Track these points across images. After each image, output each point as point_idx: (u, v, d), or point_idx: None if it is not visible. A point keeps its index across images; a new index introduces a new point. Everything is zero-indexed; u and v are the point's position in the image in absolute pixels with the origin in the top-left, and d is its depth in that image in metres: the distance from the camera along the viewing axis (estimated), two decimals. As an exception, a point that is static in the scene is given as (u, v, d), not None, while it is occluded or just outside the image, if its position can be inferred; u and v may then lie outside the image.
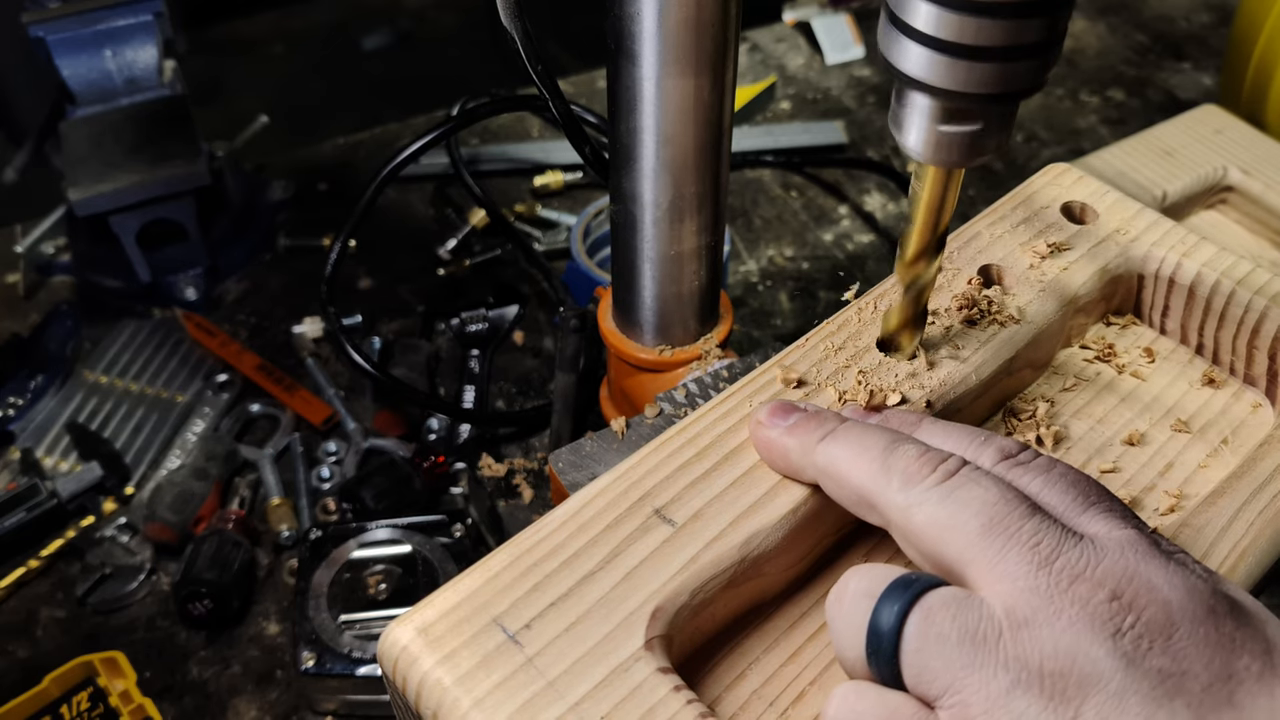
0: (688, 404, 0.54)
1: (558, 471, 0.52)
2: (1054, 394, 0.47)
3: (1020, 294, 0.47)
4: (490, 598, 0.35)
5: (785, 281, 0.89)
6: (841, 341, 0.44)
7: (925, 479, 0.34)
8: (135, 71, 0.89)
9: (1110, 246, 0.49)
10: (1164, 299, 0.49)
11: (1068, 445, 0.44)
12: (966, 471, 0.34)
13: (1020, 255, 0.48)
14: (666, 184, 0.55)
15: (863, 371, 0.43)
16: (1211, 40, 1.19)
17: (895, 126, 0.38)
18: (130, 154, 0.82)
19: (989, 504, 0.32)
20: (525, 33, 0.53)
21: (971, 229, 0.50)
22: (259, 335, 0.85)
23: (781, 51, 1.17)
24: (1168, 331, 0.50)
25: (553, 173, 0.97)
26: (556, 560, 0.37)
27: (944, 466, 0.34)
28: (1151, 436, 0.45)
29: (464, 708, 0.33)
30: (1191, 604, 0.30)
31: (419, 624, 0.35)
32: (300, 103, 1.98)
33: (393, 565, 0.64)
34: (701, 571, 0.36)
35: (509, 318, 0.85)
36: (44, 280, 0.89)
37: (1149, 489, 0.42)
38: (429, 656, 0.34)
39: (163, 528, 0.68)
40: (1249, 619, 0.31)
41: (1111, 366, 0.48)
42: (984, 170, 1.01)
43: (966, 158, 0.37)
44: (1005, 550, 0.31)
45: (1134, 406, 0.46)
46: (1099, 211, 0.51)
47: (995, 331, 0.45)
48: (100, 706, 0.60)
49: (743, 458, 0.40)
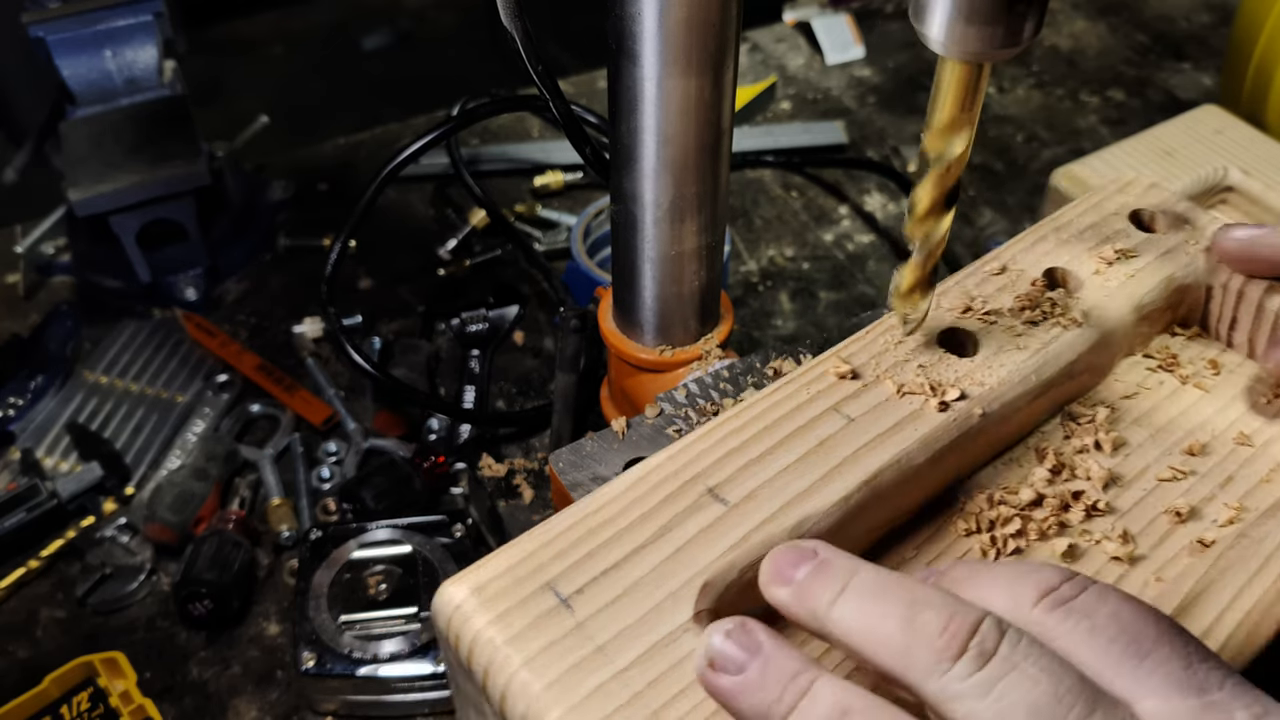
0: (688, 404, 0.54)
1: (558, 471, 0.52)
2: (1114, 400, 0.46)
3: (1085, 298, 0.46)
4: (544, 562, 0.36)
5: (785, 281, 0.89)
6: (901, 336, 0.44)
7: (957, 660, 0.28)
8: (135, 71, 0.89)
9: (1179, 256, 0.48)
10: (1232, 311, 0.48)
11: (1126, 451, 0.44)
12: (1006, 654, 0.28)
13: (1086, 260, 0.48)
14: (667, 184, 0.55)
15: (922, 365, 0.43)
16: (1211, 40, 1.19)
17: (916, 17, 0.36)
18: (130, 154, 0.82)
19: (1040, 708, 0.28)
20: (525, 33, 0.53)
21: (1037, 232, 0.49)
22: (259, 335, 0.85)
23: (781, 51, 1.17)
24: (1234, 345, 0.49)
25: (553, 173, 0.97)
26: (610, 531, 0.37)
27: (977, 643, 0.29)
28: (1213, 448, 0.44)
29: (514, 666, 0.33)
30: None
31: (474, 583, 0.36)
32: (300, 103, 1.98)
33: (393, 565, 0.64)
34: (752, 550, 0.37)
35: (509, 318, 0.85)
36: (44, 280, 0.89)
37: (1209, 499, 0.41)
38: (482, 615, 0.35)
39: (163, 528, 0.68)
40: None
41: (1175, 377, 0.47)
42: (984, 170, 1.01)
43: (992, 47, 0.34)
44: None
45: (1196, 418, 0.45)
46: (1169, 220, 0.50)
47: (1058, 334, 0.44)
48: (100, 707, 0.60)
49: (796, 444, 0.40)
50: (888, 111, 1.08)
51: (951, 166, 0.40)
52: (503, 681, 0.34)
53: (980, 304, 0.46)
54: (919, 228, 0.41)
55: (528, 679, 0.33)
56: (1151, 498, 0.41)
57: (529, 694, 0.33)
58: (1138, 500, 0.41)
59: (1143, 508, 0.41)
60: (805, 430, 0.40)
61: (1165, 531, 0.40)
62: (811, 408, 0.41)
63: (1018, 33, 0.35)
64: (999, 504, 0.41)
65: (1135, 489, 0.42)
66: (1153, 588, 0.38)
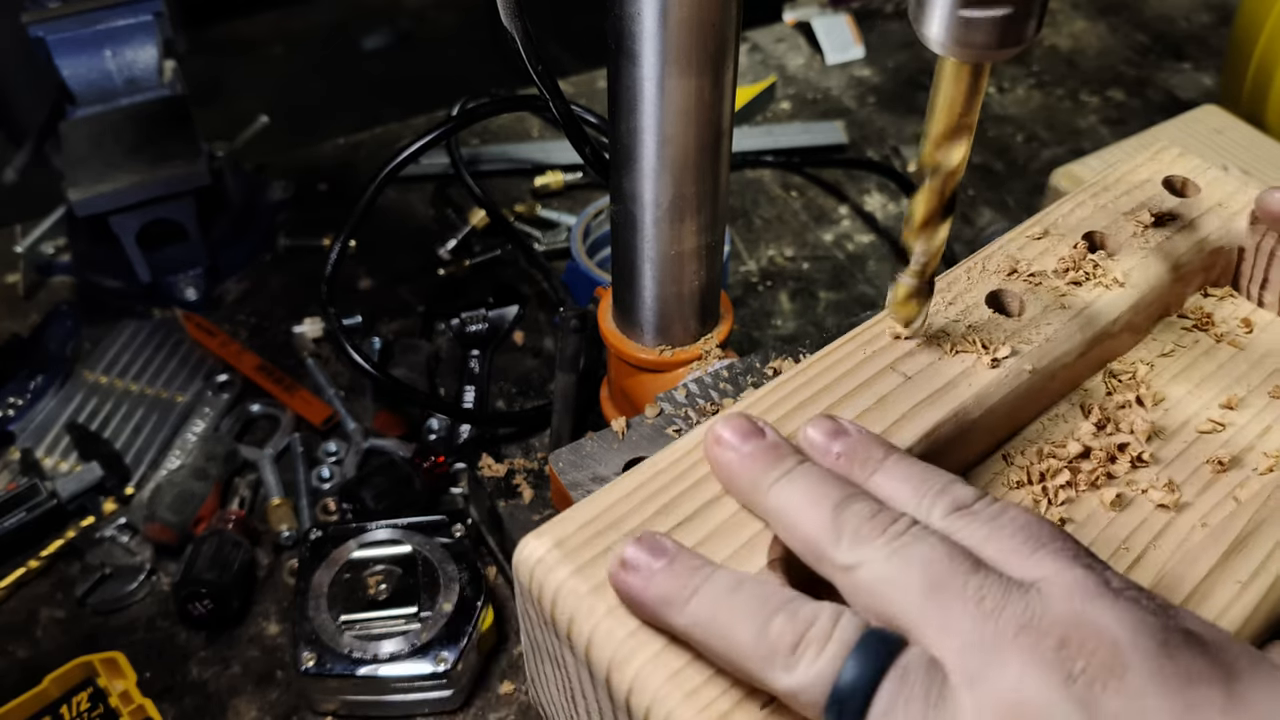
0: (688, 404, 0.54)
1: (558, 471, 0.52)
2: (1152, 359, 0.48)
3: (1124, 260, 0.48)
4: (621, 515, 0.37)
5: (785, 281, 0.89)
6: (952, 297, 0.46)
7: (873, 540, 0.34)
8: (135, 71, 0.89)
9: (1212, 219, 0.50)
10: (1264, 272, 0.50)
11: (1166, 406, 0.45)
12: (915, 530, 0.34)
13: (1123, 224, 0.50)
14: (667, 184, 0.55)
15: (972, 325, 0.44)
16: (1211, 40, 1.19)
17: (915, 17, 0.36)
18: (130, 154, 0.82)
19: (933, 562, 0.32)
20: (525, 33, 0.53)
21: (1075, 199, 0.51)
22: (259, 335, 0.85)
23: (781, 51, 1.17)
24: (1265, 304, 0.51)
25: (553, 173, 0.97)
26: (683, 484, 0.38)
27: (893, 528, 0.34)
28: (1249, 401, 0.46)
29: (599, 615, 0.35)
30: (1143, 640, 0.30)
31: (555, 537, 0.37)
32: (300, 103, 1.98)
33: (393, 565, 0.64)
34: None
35: (509, 318, 0.85)
36: (44, 280, 0.89)
37: (1248, 449, 0.43)
38: (565, 567, 0.36)
39: (163, 528, 0.68)
40: (1208, 650, 0.30)
41: (1209, 335, 0.49)
42: (984, 170, 1.01)
43: (992, 47, 0.35)
44: (950, 607, 0.31)
45: (1232, 373, 0.47)
46: (1200, 186, 0.52)
47: (1100, 294, 0.46)
48: (100, 707, 0.60)
49: (856, 400, 0.41)
50: (888, 111, 1.08)
51: (949, 177, 0.40)
52: (587, 630, 0.35)
53: (1025, 267, 0.48)
54: (917, 237, 0.41)
55: (612, 627, 0.34)
56: (1193, 449, 0.43)
57: (613, 641, 0.34)
58: (1180, 452, 0.43)
59: (1185, 458, 0.43)
60: (864, 388, 0.42)
61: (1208, 480, 0.42)
62: (869, 366, 0.43)
63: (1019, 31, 0.35)
64: (1048, 457, 0.43)
65: (1177, 441, 0.44)
66: (1199, 533, 0.40)
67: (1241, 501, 0.41)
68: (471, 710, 0.62)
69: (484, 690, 0.63)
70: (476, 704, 0.62)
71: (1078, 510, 0.41)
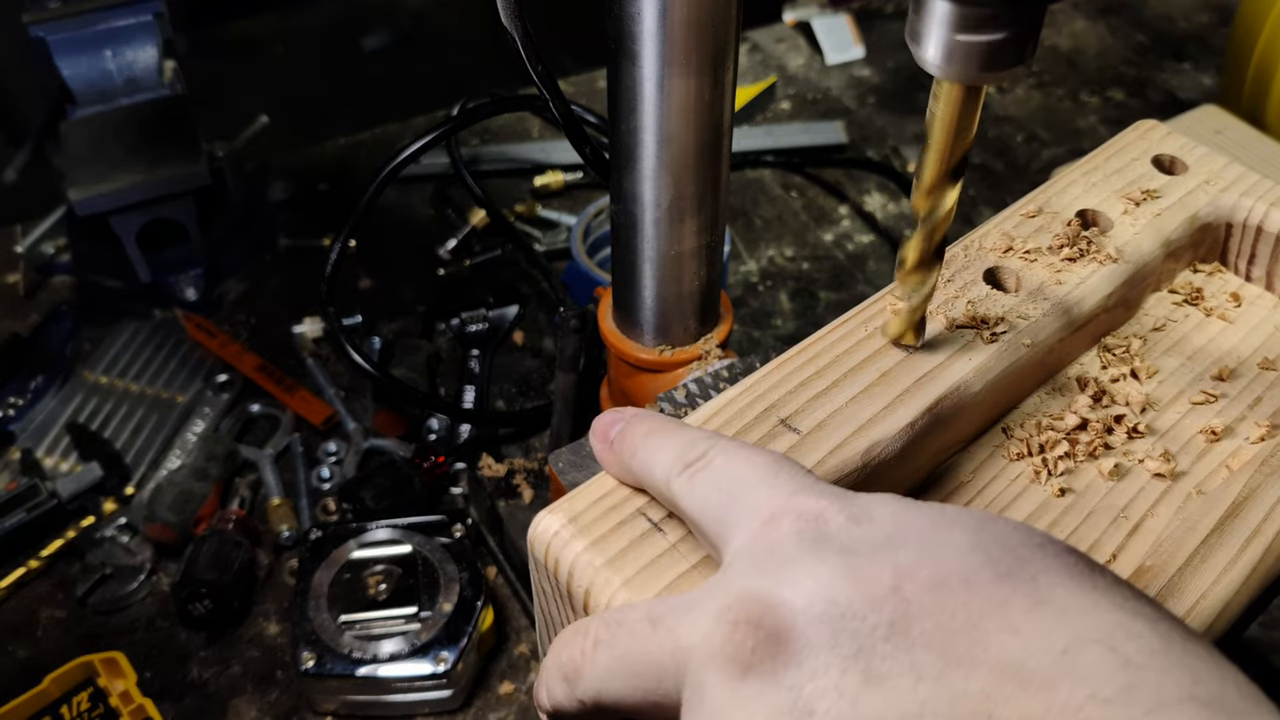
0: (688, 404, 0.54)
1: (558, 471, 0.52)
2: (1145, 333, 0.49)
3: (1116, 236, 0.49)
4: (632, 491, 0.38)
5: (785, 281, 0.89)
6: (950, 274, 0.47)
7: (681, 475, 0.37)
8: (135, 71, 0.89)
9: (1200, 196, 0.52)
10: (1251, 247, 0.52)
11: (1160, 379, 0.47)
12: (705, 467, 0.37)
13: (1115, 202, 0.51)
14: (667, 184, 0.55)
15: (970, 302, 0.45)
16: (1211, 40, 1.19)
17: (912, 40, 0.37)
18: (130, 154, 0.82)
19: (729, 479, 0.35)
20: (525, 33, 0.53)
21: (1067, 177, 0.53)
22: (259, 335, 0.85)
23: (781, 51, 1.17)
24: (1253, 279, 0.52)
25: (553, 173, 0.97)
26: None
27: (695, 463, 0.37)
28: (1240, 373, 0.47)
29: (614, 586, 0.35)
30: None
31: (569, 512, 0.37)
32: (300, 103, 1.98)
33: (393, 565, 0.64)
34: (827, 476, 0.38)
35: (509, 318, 0.85)
36: (44, 280, 0.89)
37: (1240, 419, 0.45)
38: (580, 540, 0.36)
39: (163, 528, 0.68)
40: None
41: (1199, 310, 0.50)
42: (984, 170, 1.01)
43: (988, 70, 0.36)
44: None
45: (1222, 345, 0.48)
46: (1188, 164, 0.54)
47: (1094, 269, 0.47)
48: (100, 707, 0.60)
49: (861, 376, 0.42)
50: (887, 111, 1.08)
51: (939, 224, 0.41)
52: (604, 601, 0.35)
53: (1020, 244, 0.49)
54: (909, 279, 0.42)
55: (628, 598, 0.35)
56: (1187, 419, 0.45)
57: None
58: (1174, 422, 0.45)
59: (1180, 429, 0.44)
60: (867, 364, 0.43)
61: (1202, 449, 0.43)
62: (871, 343, 0.44)
63: (1015, 54, 0.35)
64: (1047, 429, 0.44)
65: (1171, 412, 0.45)
66: (1195, 500, 0.41)
67: (1235, 470, 0.42)
68: (471, 710, 0.62)
69: (484, 690, 0.63)
70: (476, 704, 0.63)
71: (1077, 480, 0.42)
